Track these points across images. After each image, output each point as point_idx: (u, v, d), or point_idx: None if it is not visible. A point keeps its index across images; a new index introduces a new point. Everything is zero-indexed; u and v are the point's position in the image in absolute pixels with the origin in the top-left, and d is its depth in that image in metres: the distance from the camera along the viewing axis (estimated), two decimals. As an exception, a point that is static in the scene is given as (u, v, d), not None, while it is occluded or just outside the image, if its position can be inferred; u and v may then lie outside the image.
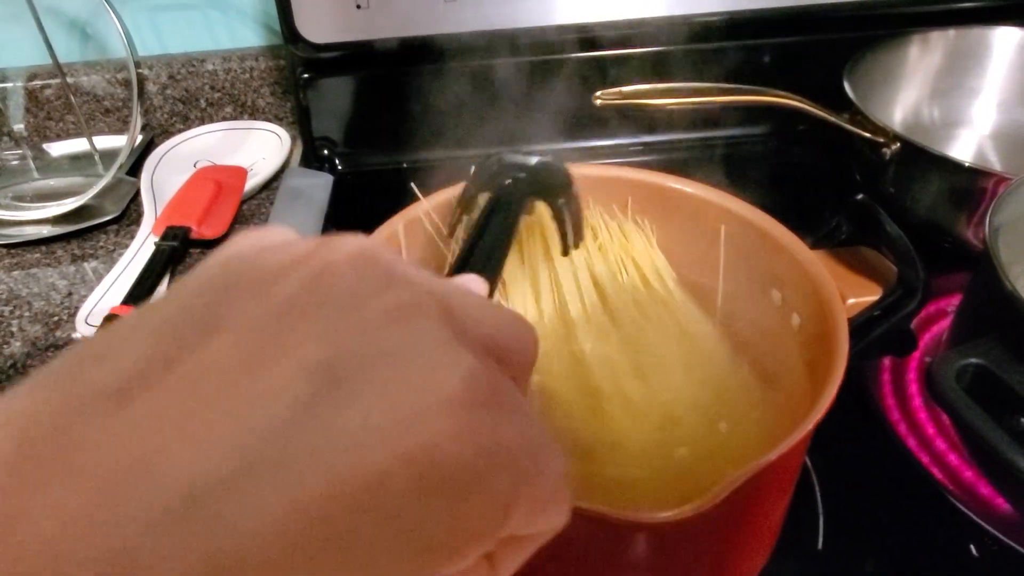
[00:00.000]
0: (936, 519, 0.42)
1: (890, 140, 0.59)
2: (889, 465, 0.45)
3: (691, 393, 0.39)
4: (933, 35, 0.70)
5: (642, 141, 0.76)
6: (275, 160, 0.73)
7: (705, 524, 0.30)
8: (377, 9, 0.67)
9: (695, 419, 0.38)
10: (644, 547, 0.31)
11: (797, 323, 0.39)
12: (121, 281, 0.59)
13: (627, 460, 0.35)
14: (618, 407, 0.37)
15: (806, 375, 0.37)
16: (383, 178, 0.75)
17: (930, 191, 0.58)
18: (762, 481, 0.29)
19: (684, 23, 0.70)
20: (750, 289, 0.42)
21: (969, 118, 0.72)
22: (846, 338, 0.34)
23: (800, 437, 0.30)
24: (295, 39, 0.68)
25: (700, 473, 0.36)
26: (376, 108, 0.74)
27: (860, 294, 0.40)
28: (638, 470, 0.35)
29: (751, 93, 0.59)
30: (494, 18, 0.68)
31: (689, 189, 0.44)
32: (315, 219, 0.67)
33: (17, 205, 0.69)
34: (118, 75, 0.77)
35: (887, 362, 0.50)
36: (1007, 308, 0.38)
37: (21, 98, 0.77)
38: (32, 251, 0.65)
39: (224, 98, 0.79)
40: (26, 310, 0.58)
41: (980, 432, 0.35)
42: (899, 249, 0.38)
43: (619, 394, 0.38)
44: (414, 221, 0.42)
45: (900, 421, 0.47)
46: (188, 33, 0.78)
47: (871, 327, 0.38)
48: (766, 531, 0.37)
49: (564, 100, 0.69)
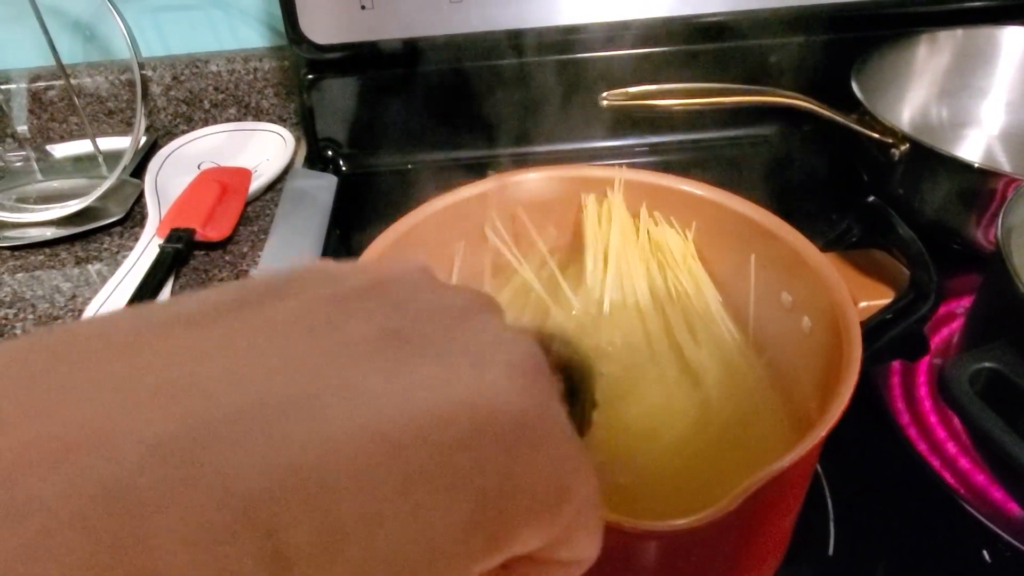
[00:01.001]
0: (947, 524, 0.41)
1: (899, 141, 0.58)
2: (900, 469, 0.44)
3: (706, 398, 0.39)
4: (941, 35, 0.70)
5: (648, 142, 0.75)
6: (279, 161, 0.72)
7: (717, 531, 0.29)
8: (381, 10, 0.67)
9: (709, 424, 0.38)
10: (657, 555, 0.31)
11: (808, 326, 0.38)
12: (125, 283, 0.59)
13: (640, 468, 0.35)
14: (636, 413, 0.37)
15: (817, 379, 0.37)
16: (387, 179, 0.74)
17: (939, 192, 0.58)
18: (774, 488, 0.29)
19: (690, 23, 0.69)
20: (760, 291, 0.42)
21: (978, 118, 0.71)
22: (859, 342, 0.33)
23: (813, 444, 0.29)
24: (299, 40, 0.68)
25: (711, 479, 0.35)
26: (380, 109, 0.74)
27: (872, 297, 0.39)
28: (650, 478, 0.35)
29: (758, 94, 0.59)
30: (499, 19, 0.68)
31: (699, 191, 0.43)
32: (319, 220, 0.67)
33: (21, 207, 0.68)
34: (122, 76, 0.77)
35: (897, 365, 0.50)
36: (1020, 312, 0.37)
37: (24, 99, 0.76)
38: (36, 253, 0.64)
39: (228, 99, 0.79)
40: (30, 313, 0.58)
41: (994, 437, 0.34)
42: (911, 252, 0.38)
43: (637, 399, 0.37)
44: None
45: (910, 425, 0.46)
46: (192, 34, 0.78)
47: (883, 331, 0.37)
48: (777, 537, 0.37)
49: (569, 101, 0.69)
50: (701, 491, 0.35)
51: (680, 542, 0.30)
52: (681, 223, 0.44)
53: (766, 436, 0.38)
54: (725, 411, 0.39)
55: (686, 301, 0.43)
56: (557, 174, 0.46)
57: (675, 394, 0.39)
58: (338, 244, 0.66)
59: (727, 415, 0.38)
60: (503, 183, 0.44)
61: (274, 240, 0.64)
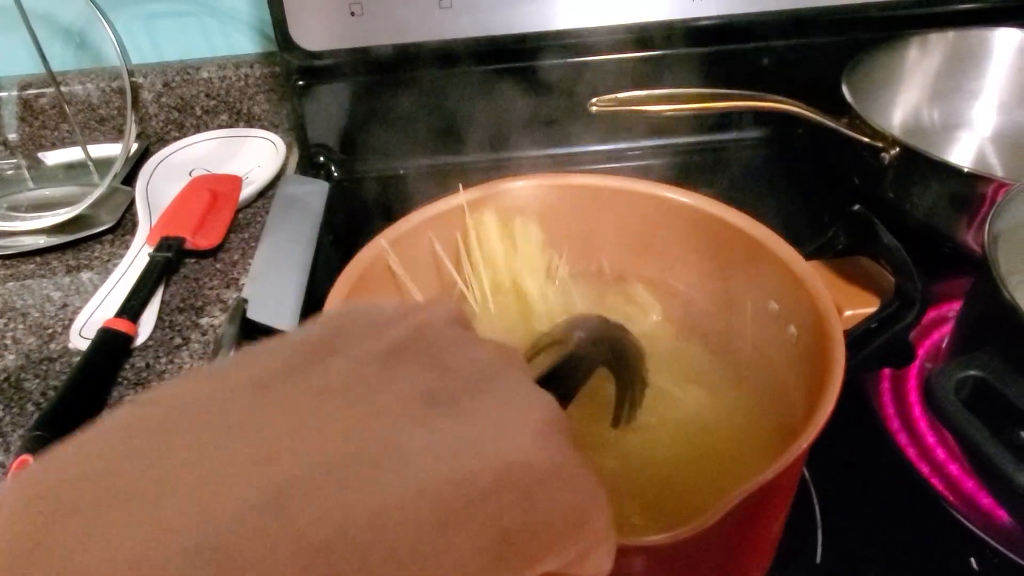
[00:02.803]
0: (936, 531, 0.41)
1: (889, 145, 0.58)
2: (889, 476, 0.44)
3: (691, 410, 0.39)
4: (932, 37, 0.70)
5: (638, 146, 0.75)
6: (271, 168, 0.72)
7: (702, 544, 0.29)
8: (371, 16, 0.67)
9: (694, 435, 0.37)
10: (642, 569, 0.31)
11: (794, 335, 0.38)
12: (116, 292, 0.59)
13: (624, 484, 0.35)
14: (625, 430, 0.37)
15: (803, 388, 0.37)
16: (379, 185, 0.74)
17: (929, 196, 0.58)
18: (759, 499, 0.29)
19: (681, 28, 0.69)
20: (746, 300, 0.42)
21: (969, 121, 0.71)
22: (843, 351, 0.33)
23: (796, 455, 0.29)
24: (290, 46, 0.68)
25: (697, 490, 0.35)
26: (372, 115, 0.74)
27: (857, 305, 0.39)
28: (636, 488, 0.35)
29: (748, 98, 0.59)
30: (489, 24, 0.68)
31: (684, 199, 0.43)
32: (311, 227, 0.67)
33: (12, 215, 0.68)
34: (112, 83, 0.77)
35: (887, 371, 0.50)
36: (1006, 319, 0.37)
37: (15, 107, 0.76)
38: (27, 262, 0.64)
39: (219, 106, 0.79)
40: (20, 322, 0.58)
41: (979, 446, 0.34)
42: (896, 260, 0.38)
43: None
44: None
45: (900, 431, 0.46)
46: (183, 40, 0.78)
47: (868, 339, 0.37)
48: (764, 546, 0.37)
49: (559, 106, 0.69)
50: (687, 501, 0.35)
51: (664, 555, 0.30)
52: (665, 229, 0.44)
53: (754, 445, 0.38)
54: (712, 420, 0.39)
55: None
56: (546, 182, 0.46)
57: (661, 405, 0.39)
58: (330, 250, 0.66)
59: (714, 425, 0.38)
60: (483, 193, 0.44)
61: (265, 247, 0.64)
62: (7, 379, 0.53)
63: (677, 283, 0.46)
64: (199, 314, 0.58)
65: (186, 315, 0.58)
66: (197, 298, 0.59)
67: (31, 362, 0.54)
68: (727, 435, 0.38)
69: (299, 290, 0.59)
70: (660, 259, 0.45)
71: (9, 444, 0.48)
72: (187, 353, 0.54)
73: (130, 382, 0.52)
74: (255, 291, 0.58)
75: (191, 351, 0.54)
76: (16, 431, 0.49)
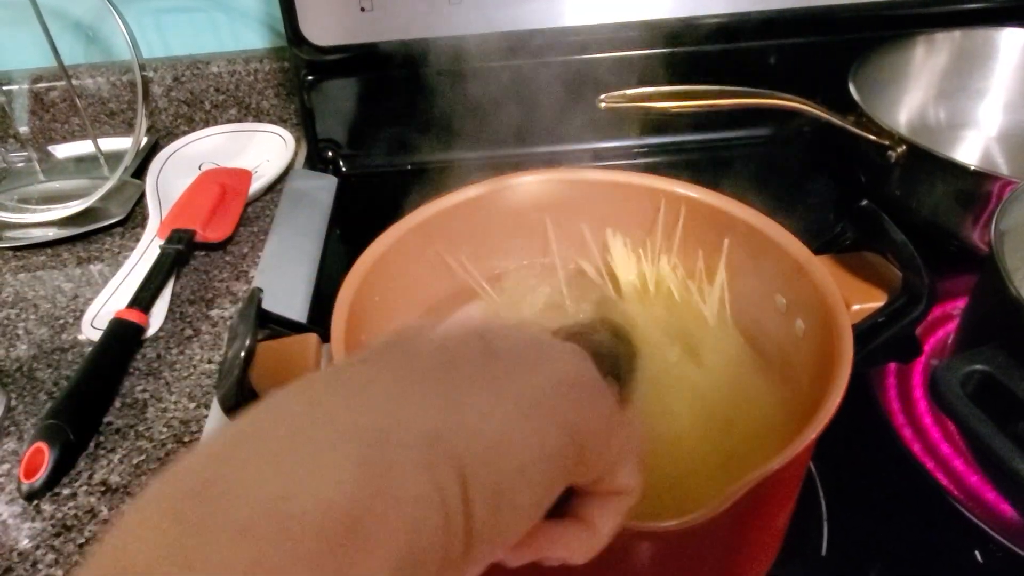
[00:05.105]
0: (941, 524, 0.42)
1: (895, 143, 0.59)
2: (894, 470, 0.45)
3: (702, 401, 0.39)
4: (939, 36, 0.70)
5: (646, 143, 0.76)
6: (279, 162, 0.73)
7: (709, 531, 0.30)
8: (381, 12, 0.67)
9: (704, 426, 0.38)
10: (649, 554, 0.31)
11: (801, 328, 0.39)
12: (127, 284, 0.59)
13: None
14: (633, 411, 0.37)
15: (810, 380, 0.37)
16: (387, 180, 0.75)
17: (935, 194, 0.58)
18: (766, 489, 0.29)
19: (689, 25, 0.70)
20: (754, 293, 0.42)
21: (975, 120, 0.72)
22: (850, 345, 0.33)
23: (803, 446, 0.30)
24: (299, 41, 0.68)
25: (705, 479, 0.36)
26: (380, 110, 0.75)
27: (865, 300, 0.40)
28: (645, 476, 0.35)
29: (755, 96, 0.59)
30: (498, 20, 0.68)
31: (693, 194, 0.44)
32: (319, 221, 0.67)
33: (23, 207, 0.69)
34: (123, 77, 0.77)
35: (892, 366, 0.50)
36: (1012, 314, 0.37)
37: (26, 100, 0.77)
38: (38, 253, 0.65)
39: (228, 100, 0.80)
40: (32, 313, 0.58)
41: (985, 440, 0.35)
42: (904, 255, 0.38)
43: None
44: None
45: (905, 425, 0.47)
46: (193, 35, 0.78)
47: (875, 333, 0.38)
48: (770, 537, 0.37)
49: (568, 102, 0.69)
50: (696, 490, 0.35)
51: (672, 542, 0.30)
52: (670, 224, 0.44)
53: (761, 435, 0.38)
54: (721, 410, 0.39)
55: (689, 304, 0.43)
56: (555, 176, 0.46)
57: (671, 392, 0.39)
58: (338, 244, 0.66)
59: (723, 414, 0.39)
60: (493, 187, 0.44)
61: (274, 241, 0.65)
62: (20, 368, 0.53)
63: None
64: (209, 306, 0.58)
65: (196, 307, 0.58)
66: (207, 290, 0.60)
67: (43, 352, 0.55)
68: (736, 426, 0.38)
69: (308, 283, 0.60)
70: (665, 254, 0.46)
71: (23, 432, 0.49)
72: (198, 344, 0.55)
73: (141, 372, 0.53)
74: (265, 283, 0.58)
75: (201, 342, 0.55)
76: (29, 419, 0.49)
